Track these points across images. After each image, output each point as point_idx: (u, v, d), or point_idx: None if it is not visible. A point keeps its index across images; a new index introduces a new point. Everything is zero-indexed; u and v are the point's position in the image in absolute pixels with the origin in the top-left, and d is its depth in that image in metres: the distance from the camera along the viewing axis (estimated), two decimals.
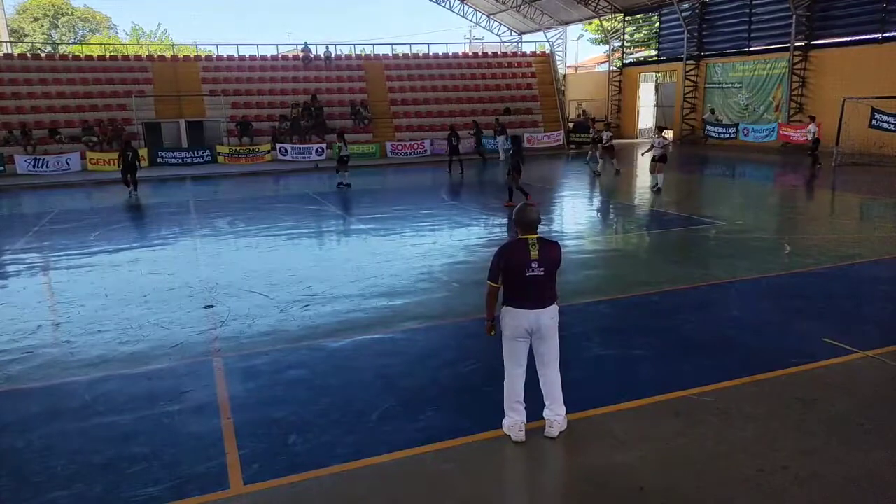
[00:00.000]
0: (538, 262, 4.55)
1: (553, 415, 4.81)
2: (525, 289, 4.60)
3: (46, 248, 12.53)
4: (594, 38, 51.44)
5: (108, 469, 4.54)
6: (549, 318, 4.66)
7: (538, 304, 4.62)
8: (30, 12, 60.60)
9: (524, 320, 4.63)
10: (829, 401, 5.29)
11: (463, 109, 32.85)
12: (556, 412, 4.81)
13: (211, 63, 33.04)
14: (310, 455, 4.66)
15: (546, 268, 4.58)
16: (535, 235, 4.63)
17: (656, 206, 15.36)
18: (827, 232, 12.28)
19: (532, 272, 4.55)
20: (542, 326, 4.65)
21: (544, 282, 4.61)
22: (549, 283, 4.65)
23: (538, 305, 4.62)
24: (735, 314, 7.54)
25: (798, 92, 27.69)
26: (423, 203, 17.08)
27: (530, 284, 4.59)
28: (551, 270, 4.63)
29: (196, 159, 27.65)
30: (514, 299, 4.65)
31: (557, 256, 4.67)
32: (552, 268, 4.63)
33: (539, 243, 4.60)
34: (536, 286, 4.60)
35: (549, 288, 4.67)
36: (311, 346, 6.80)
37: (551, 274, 4.64)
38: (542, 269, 4.57)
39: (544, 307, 4.64)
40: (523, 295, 4.61)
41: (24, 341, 7.16)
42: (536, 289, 4.60)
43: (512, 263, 4.59)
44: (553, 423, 4.80)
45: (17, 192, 22.27)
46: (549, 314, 4.66)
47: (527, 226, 4.64)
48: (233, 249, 12.07)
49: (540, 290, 4.61)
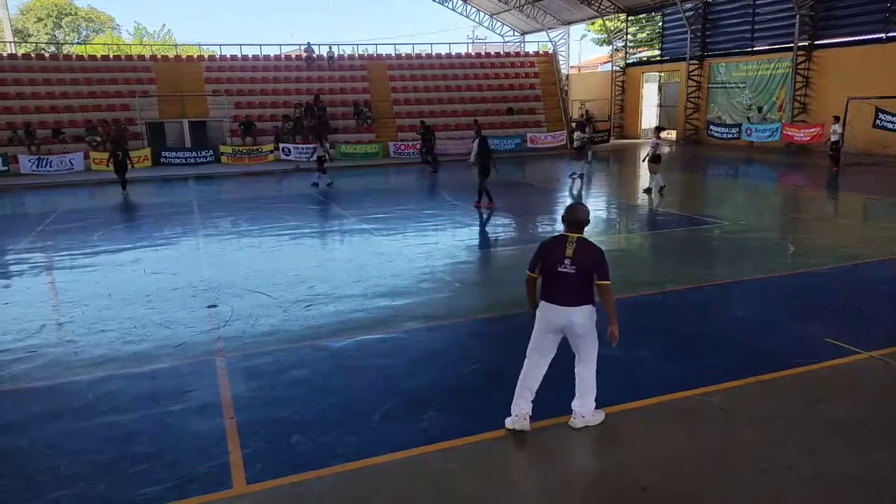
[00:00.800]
0: (571, 261, 4.61)
1: (578, 406, 4.88)
2: (556, 284, 4.69)
3: (50, 247, 12.55)
4: (597, 38, 51.32)
5: (111, 468, 4.55)
6: (579, 317, 4.67)
7: (568, 301, 4.66)
8: (33, 12, 60.77)
9: (554, 315, 4.71)
10: (833, 401, 5.28)
11: (466, 109, 32.83)
12: (579, 404, 4.88)
13: (214, 63, 33.08)
14: (312, 455, 4.66)
15: (578, 267, 4.61)
16: (577, 235, 4.69)
17: (659, 207, 15.34)
18: (831, 232, 12.25)
19: (563, 268, 4.63)
20: (574, 325, 4.70)
21: (576, 281, 4.63)
22: (583, 283, 4.65)
23: (568, 303, 4.66)
24: (738, 314, 7.53)
25: (801, 92, 27.62)
26: (426, 203, 17.09)
27: (561, 281, 4.66)
28: (584, 271, 4.63)
29: (199, 159, 27.68)
30: (547, 293, 4.75)
31: (592, 259, 4.65)
32: (585, 268, 4.63)
33: (577, 243, 4.66)
34: (567, 283, 4.65)
35: (583, 288, 4.66)
36: (313, 346, 6.80)
37: (585, 274, 4.63)
38: (574, 268, 4.61)
39: (575, 306, 4.66)
40: (554, 290, 4.70)
41: (27, 340, 7.18)
42: (567, 286, 4.66)
43: (547, 258, 4.71)
44: (576, 414, 4.87)
45: (20, 191, 22.32)
46: (580, 314, 4.67)
47: (571, 223, 4.73)
48: (236, 249, 12.08)
49: (571, 287, 4.65)
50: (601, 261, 4.67)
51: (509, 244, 12.46)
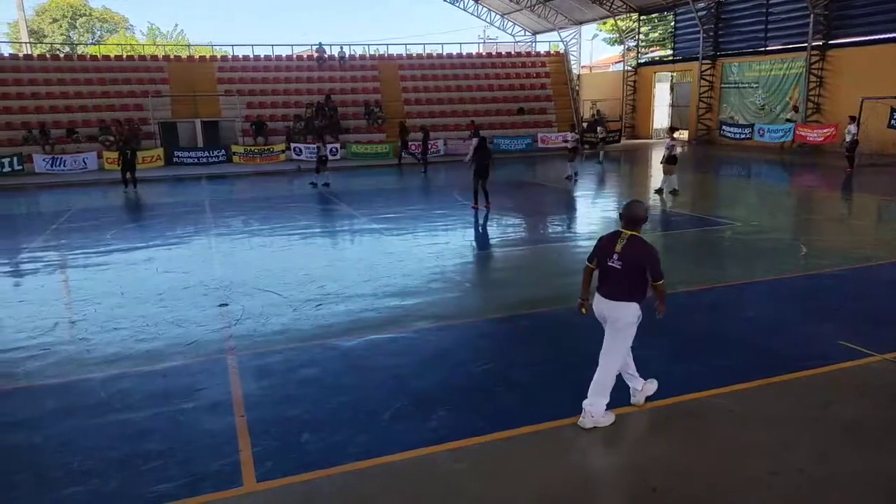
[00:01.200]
0: (618, 256, 4.76)
1: (588, 405, 4.90)
2: (604, 276, 4.90)
3: (63, 246, 12.67)
4: (609, 38, 51.19)
5: (124, 465, 4.59)
6: (616, 311, 4.80)
7: (609, 294, 4.84)
8: (49, 13, 61.33)
9: (598, 306, 4.94)
10: (845, 403, 5.24)
11: (477, 109, 32.80)
12: (590, 403, 4.89)
13: (226, 63, 33.26)
14: (322, 453, 4.68)
15: (625, 263, 4.73)
16: (630, 232, 4.81)
17: (670, 207, 15.27)
18: (844, 233, 12.15)
19: (611, 263, 4.80)
20: (608, 318, 4.86)
21: (621, 276, 4.76)
22: (628, 280, 4.76)
23: (609, 296, 4.84)
24: (750, 315, 7.48)
25: (815, 92, 27.39)
26: (436, 203, 17.10)
27: (608, 274, 4.85)
28: (631, 268, 4.74)
29: (211, 159, 27.83)
30: (598, 284, 4.98)
31: (639, 257, 4.74)
32: (632, 266, 4.74)
33: (629, 240, 4.78)
34: (613, 277, 4.82)
35: (628, 284, 4.77)
36: (324, 345, 6.83)
37: (631, 271, 4.74)
38: (620, 264, 4.75)
39: (615, 300, 4.80)
40: (601, 282, 4.93)
41: (41, 338, 7.25)
42: (612, 280, 4.82)
43: (600, 251, 4.91)
44: (586, 413, 4.89)
45: (35, 191, 22.54)
46: (619, 308, 4.79)
47: (626, 220, 4.87)
48: (247, 248, 12.14)
49: (615, 281, 4.80)
50: (651, 261, 4.76)
51: (519, 244, 12.44)
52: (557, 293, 8.66)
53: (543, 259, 10.90)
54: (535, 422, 5.01)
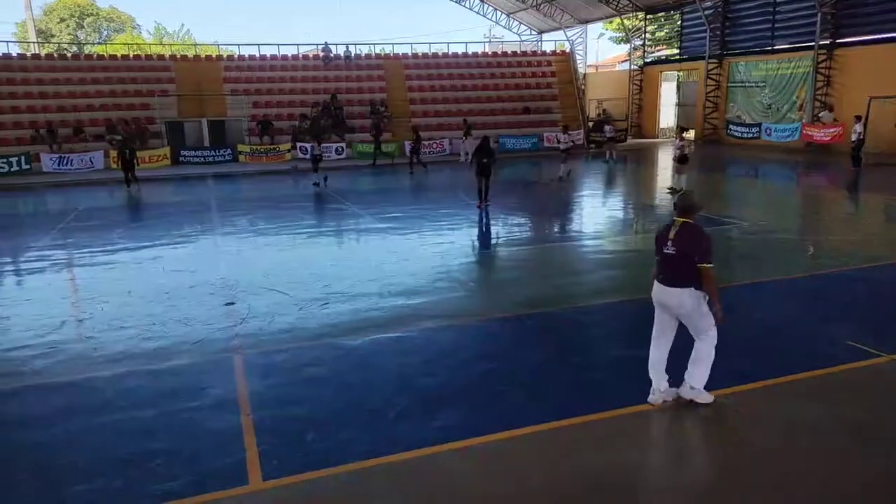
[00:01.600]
0: (672, 242, 4.99)
1: (687, 375, 5.16)
2: (660, 264, 5.13)
3: (70, 245, 12.72)
4: (615, 37, 51.08)
5: (130, 463, 4.61)
6: (675, 298, 4.99)
7: (666, 281, 5.04)
8: (56, 13, 61.60)
9: (656, 293, 5.15)
10: (854, 404, 5.21)
11: (482, 109, 32.79)
12: (688, 373, 5.16)
13: (233, 63, 33.33)
14: (327, 452, 4.68)
15: (678, 249, 4.94)
16: (683, 219, 5.02)
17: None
18: (851, 233, 12.08)
19: (667, 250, 5.02)
20: (671, 305, 5.04)
21: (676, 262, 4.96)
22: (683, 265, 4.93)
23: (666, 282, 5.04)
24: (757, 316, 7.44)
25: (822, 91, 27.25)
26: (442, 203, 17.09)
27: (664, 261, 5.07)
28: (685, 253, 4.91)
29: (218, 158, 27.92)
30: (656, 272, 5.19)
31: (691, 243, 4.91)
32: (686, 251, 4.91)
33: (682, 227, 4.99)
34: (668, 264, 5.04)
35: (683, 270, 4.93)
36: (329, 344, 6.83)
37: (685, 256, 4.91)
38: (674, 249, 4.97)
39: (672, 286, 4.99)
40: (660, 269, 5.14)
41: (48, 337, 7.28)
42: (668, 266, 5.04)
43: (658, 240, 5.17)
44: (685, 383, 5.16)
45: (42, 189, 22.66)
46: (676, 295, 4.97)
47: (680, 209, 5.10)
48: (253, 247, 12.17)
49: (671, 268, 5.01)
50: (701, 245, 4.89)
51: (525, 244, 12.43)
52: (563, 293, 8.65)
53: (549, 259, 10.88)
54: (541, 421, 4.99)
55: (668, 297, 5.02)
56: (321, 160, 21.04)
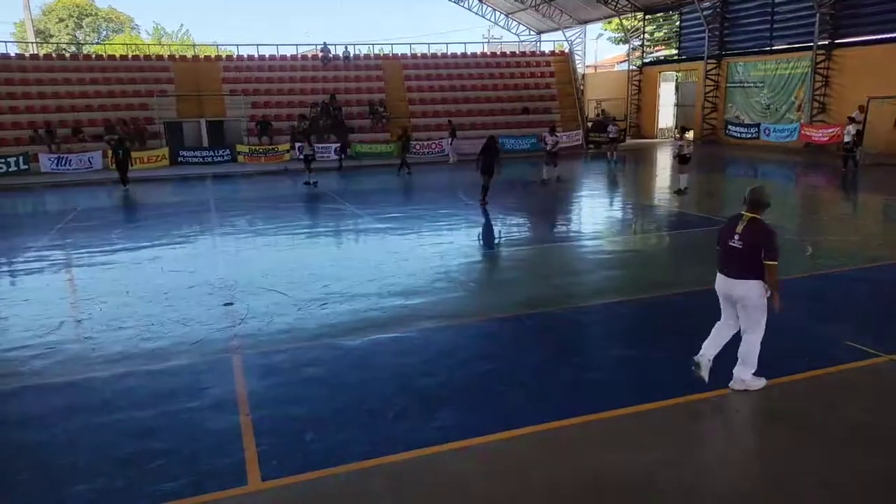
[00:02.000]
0: (739, 236, 5.17)
1: (736, 370, 5.36)
2: (725, 257, 5.31)
3: (69, 245, 12.71)
4: (614, 37, 51.08)
5: (129, 464, 4.60)
6: (740, 289, 5.18)
7: (731, 273, 5.24)
8: (55, 13, 61.55)
9: (721, 284, 5.37)
10: (853, 404, 5.21)
11: (481, 109, 32.80)
12: (737, 369, 5.36)
13: (231, 63, 33.30)
14: (327, 452, 4.68)
15: (745, 243, 5.12)
16: (751, 214, 5.19)
17: (676, 207, 15.24)
18: (849, 233, 12.10)
19: (732, 243, 5.21)
20: (734, 296, 5.25)
21: (741, 255, 5.14)
22: (748, 259, 5.11)
23: (731, 275, 5.25)
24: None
25: (821, 91, 27.28)
26: (441, 203, 17.09)
27: (730, 254, 5.25)
28: (751, 247, 5.09)
29: (216, 158, 27.90)
30: (719, 264, 5.40)
31: (758, 238, 5.08)
32: (752, 245, 5.09)
33: (748, 221, 5.16)
34: (733, 256, 5.22)
35: (748, 263, 5.12)
36: (328, 345, 6.83)
37: (751, 250, 5.09)
38: (741, 243, 5.15)
39: (736, 278, 5.19)
40: (723, 262, 5.34)
41: (47, 337, 7.27)
42: (733, 259, 5.23)
43: (723, 233, 5.35)
44: (736, 378, 5.37)
45: (40, 190, 22.63)
46: (741, 286, 5.17)
47: (749, 203, 5.24)
48: (252, 248, 12.16)
49: (736, 261, 5.20)
50: (768, 241, 5.07)
51: (524, 244, 12.43)
52: (562, 293, 8.65)
53: (548, 259, 10.88)
54: (540, 421, 4.99)
55: (732, 289, 5.23)
56: (314, 160, 21.13)
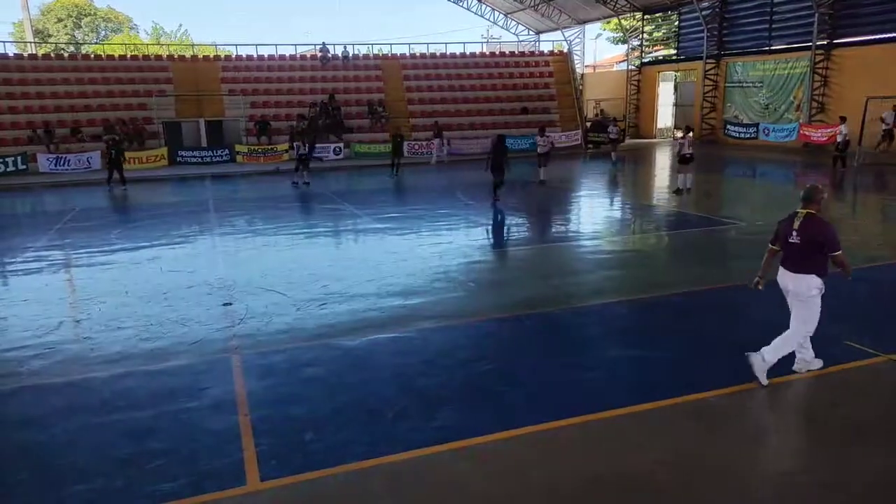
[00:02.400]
0: (797, 232, 5.38)
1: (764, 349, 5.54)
2: (784, 252, 5.54)
3: (68, 245, 12.70)
4: (613, 37, 51.11)
5: (128, 464, 4.60)
6: (796, 284, 5.39)
7: (789, 267, 5.46)
8: (54, 13, 61.49)
9: (780, 278, 5.59)
10: (852, 404, 5.22)
11: (480, 109, 32.79)
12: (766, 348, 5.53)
13: (230, 63, 33.26)
14: (326, 453, 4.68)
15: (803, 239, 5.33)
16: (807, 211, 5.38)
17: (675, 207, 15.24)
18: (848, 233, 12.09)
19: (791, 239, 5.43)
20: (790, 291, 5.47)
21: (800, 250, 5.36)
22: (806, 254, 5.32)
23: (789, 269, 5.46)
24: (755, 316, 7.44)
25: (820, 91, 27.30)
26: (440, 203, 17.09)
27: (788, 249, 5.47)
28: (809, 243, 5.29)
29: (215, 158, 27.86)
30: (781, 260, 5.60)
31: (817, 233, 5.28)
32: (810, 241, 5.29)
33: (805, 217, 5.37)
34: (792, 252, 5.44)
35: (806, 258, 5.33)
36: (327, 345, 6.83)
37: (809, 246, 5.30)
38: (799, 239, 5.36)
39: (794, 273, 5.41)
40: (784, 257, 5.55)
41: (46, 337, 7.26)
42: (791, 254, 5.44)
43: (781, 230, 5.59)
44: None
45: (39, 190, 22.61)
46: (798, 281, 5.38)
47: (804, 200, 5.45)
48: (251, 248, 12.15)
49: (794, 256, 5.41)
50: (827, 235, 5.28)
51: (523, 244, 12.43)
52: (561, 293, 8.65)
53: (547, 259, 10.88)
54: (540, 421, 4.99)
55: (791, 282, 5.43)
56: (308, 160, 21.21)
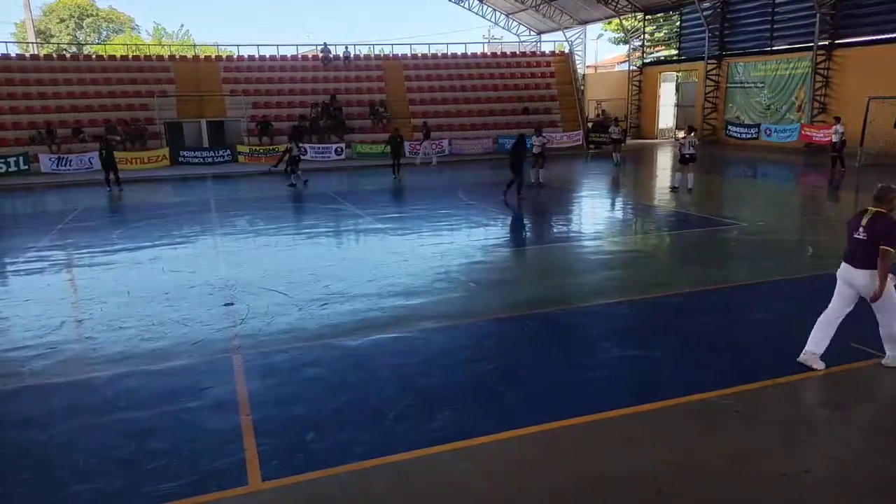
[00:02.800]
0: (863, 229, 5.49)
1: (889, 349, 5.75)
2: (849, 247, 5.66)
3: (70, 245, 12.71)
4: (614, 38, 51.13)
5: (129, 464, 4.60)
6: (860, 279, 5.52)
7: (853, 262, 5.59)
8: (56, 13, 61.60)
9: (843, 272, 5.71)
10: (855, 405, 5.21)
11: (481, 109, 32.81)
12: (888, 348, 5.75)
13: (232, 63, 33.32)
14: (327, 452, 4.67)
15: (869, 235, 5.43)
16: (877, 208, 5.50)
17: (676, 207, 15.23)
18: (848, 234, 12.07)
19: (857, 235, 5.55)
20: (855, 285, 5.59)
21: (864, 246, 5.45)
22: (871, 250, 5.40)
23: (852, 264, 5.59)
24: (757, 316, 7.44)
25: (821, 91, 27.28)
26: (441, 203, 17.08)
27: (853, 245, 5.59)
28: (874, 239, 5.38)
29: (217, 158, 27.91)
30: (844, 253, 5.73)
31: (881, 228, 5.38)
32: (875, 237, 5.38)
33: (874, 215, 5.48)
34: (856, 247, 5.55)
35: (870, 254, 5.40)
36: (329, 345, 6.83)
37: (875, 242, 5.38)
38: (865, 235, 5.47)
39: (858, 268, 5.53)
40: (847, 251, 5.68)
41: (47, 337, 7.27)
42: (855, 250, 5.56)
43: (849, 225, 5.71)
44: (888, 356, 5.77)
45: (41, 190, 22.64)
46: (861, 276, 5.50)
47: (875, 199, 5.55)
48: (252, 248, 12.16)
49: (858, 251, 5.52)
50: (889, 231, 5.35)
51: (524, 244, 12.42)
52: (562, 293, 8.65)
53: (549, 259, 10.88)
54: (541, 421, 4.99)
55: (855, 279, 5.55)
56: (300, 161, 21.43)
